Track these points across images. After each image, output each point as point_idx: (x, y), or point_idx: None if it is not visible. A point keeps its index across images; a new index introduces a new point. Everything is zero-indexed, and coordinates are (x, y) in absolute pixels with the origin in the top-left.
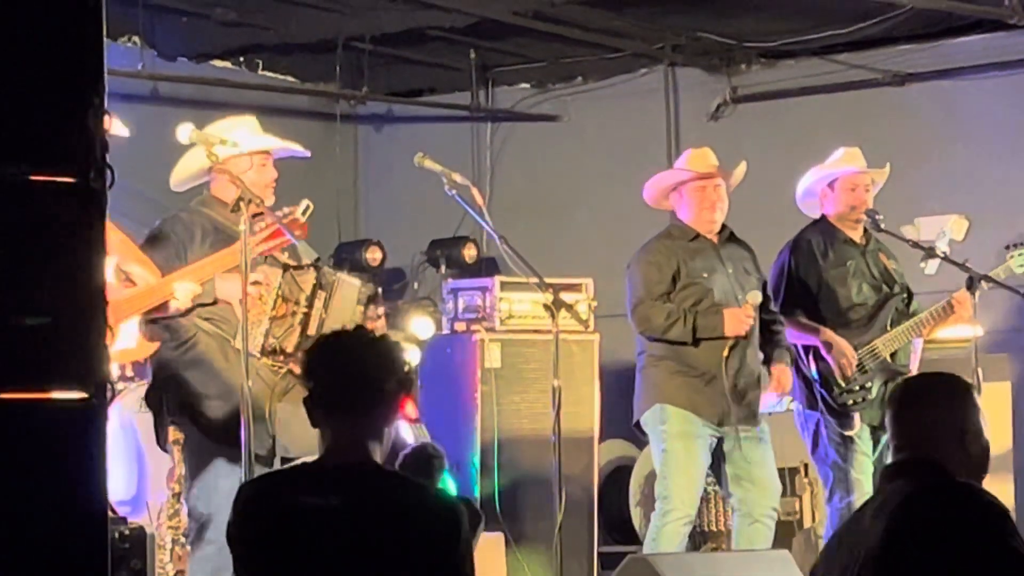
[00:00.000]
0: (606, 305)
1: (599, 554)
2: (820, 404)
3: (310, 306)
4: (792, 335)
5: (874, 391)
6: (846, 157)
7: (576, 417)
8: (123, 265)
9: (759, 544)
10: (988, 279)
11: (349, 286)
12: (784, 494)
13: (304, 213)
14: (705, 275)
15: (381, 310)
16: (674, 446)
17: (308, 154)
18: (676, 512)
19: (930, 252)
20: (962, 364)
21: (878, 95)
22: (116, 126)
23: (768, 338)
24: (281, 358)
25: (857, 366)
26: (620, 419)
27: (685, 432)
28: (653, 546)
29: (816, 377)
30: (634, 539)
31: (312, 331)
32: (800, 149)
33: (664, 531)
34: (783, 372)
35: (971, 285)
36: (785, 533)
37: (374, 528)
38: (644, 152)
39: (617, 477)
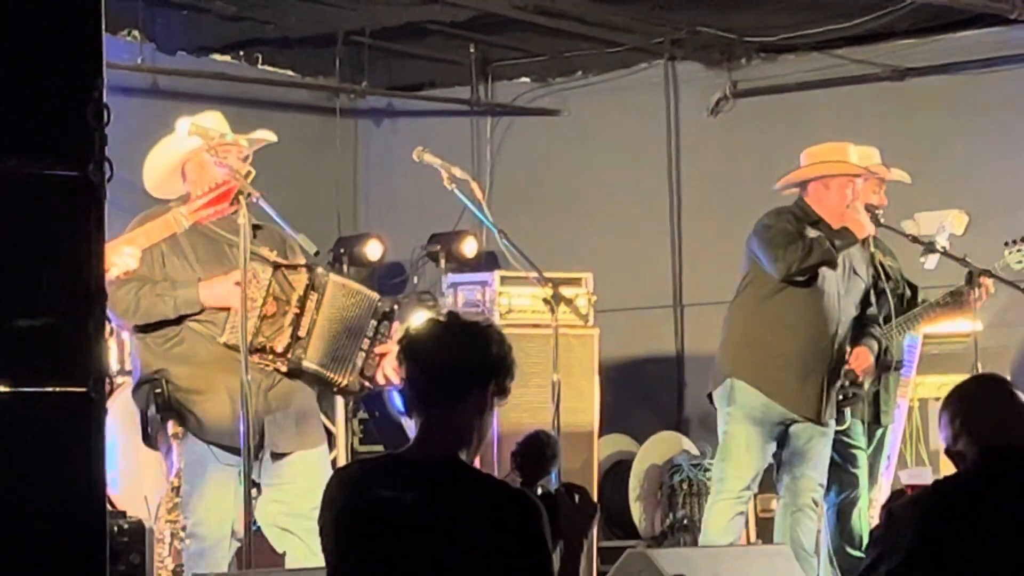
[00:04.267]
0: (605, 300)
1: (599, 549)
2: None
3: (302, 307)
4: None
5: (866, 386)
6: (862, 156)
7: (576, 412)
8: None
9: (803, 532)
10: (988, 274)
11: (367, 299)
12: None
13: (247, 177)
14: None
15: (395, 326)
16: (736, 430)
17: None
18: (727, 493)
19: (930, 247)
20: (962, 359)
21: (878, 90)
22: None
23: (859, 331)
24: (270, 356)
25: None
26: (620, 414)
27: (749, 417)
28: (705, 524)
29: None
30: (634, 534)
31: (303, 332)
32: (800, 143)
33: (714, 508)
34: (862, 351)
35: (971, 280)
36: None
37: (445, 525)
38: (644, 146)
39: (617, 472)
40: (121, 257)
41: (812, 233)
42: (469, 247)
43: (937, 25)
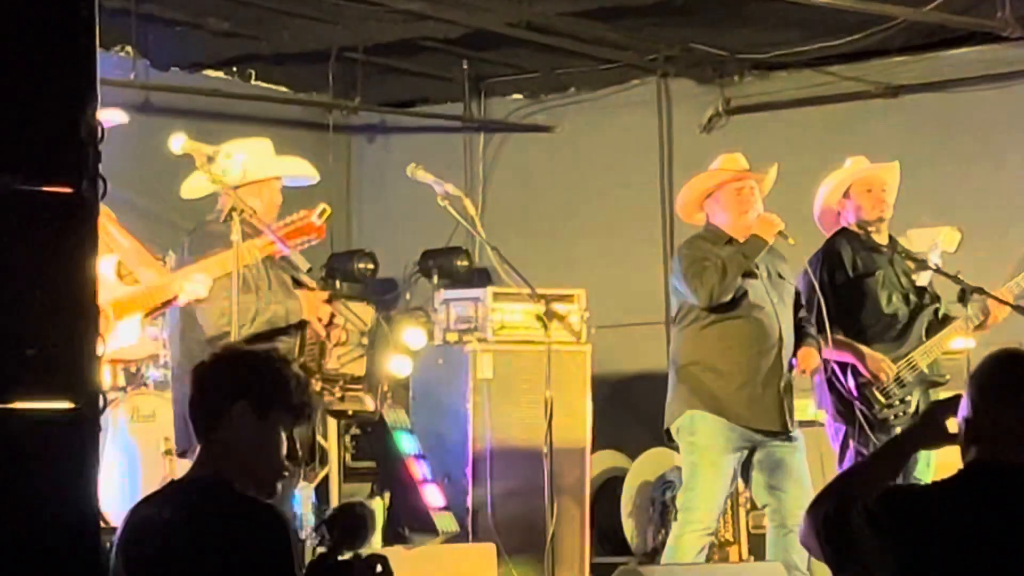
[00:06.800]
0: (598, 316)
1: (591, 565)
2: (861, 420)
3: (372, 341)
4: (827, 352)
5: (913, 404)
6: (855, 164)
7: (568, 428)
8: (131, 267)
9: (795, 553)
10: (981, 291)
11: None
12: None
13: (321, 216)
14: (742, 277)
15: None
16: (702, 459)
17: (315, 180)
18: (696, 524)
19: (922, 264)
20: (955, 377)
21: (871, 107)
22: (113, 114)
23: (799, 333)
24: (348, 384)
25: (896, 380)
26: (612, 430)
27: (713, 445)
28: (670, 554)
29: (856, 394)
30: (626, 550)
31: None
32: (793, 161)
33: (682, 540)
34: (807, 352)
35: (963, 297)
36: None
37: (195, 541)
38: (637, 163)
39: (609, 488)
40: (192, 284)
41: (724, 252)
42: (462, 263)
43: (930, 43)
